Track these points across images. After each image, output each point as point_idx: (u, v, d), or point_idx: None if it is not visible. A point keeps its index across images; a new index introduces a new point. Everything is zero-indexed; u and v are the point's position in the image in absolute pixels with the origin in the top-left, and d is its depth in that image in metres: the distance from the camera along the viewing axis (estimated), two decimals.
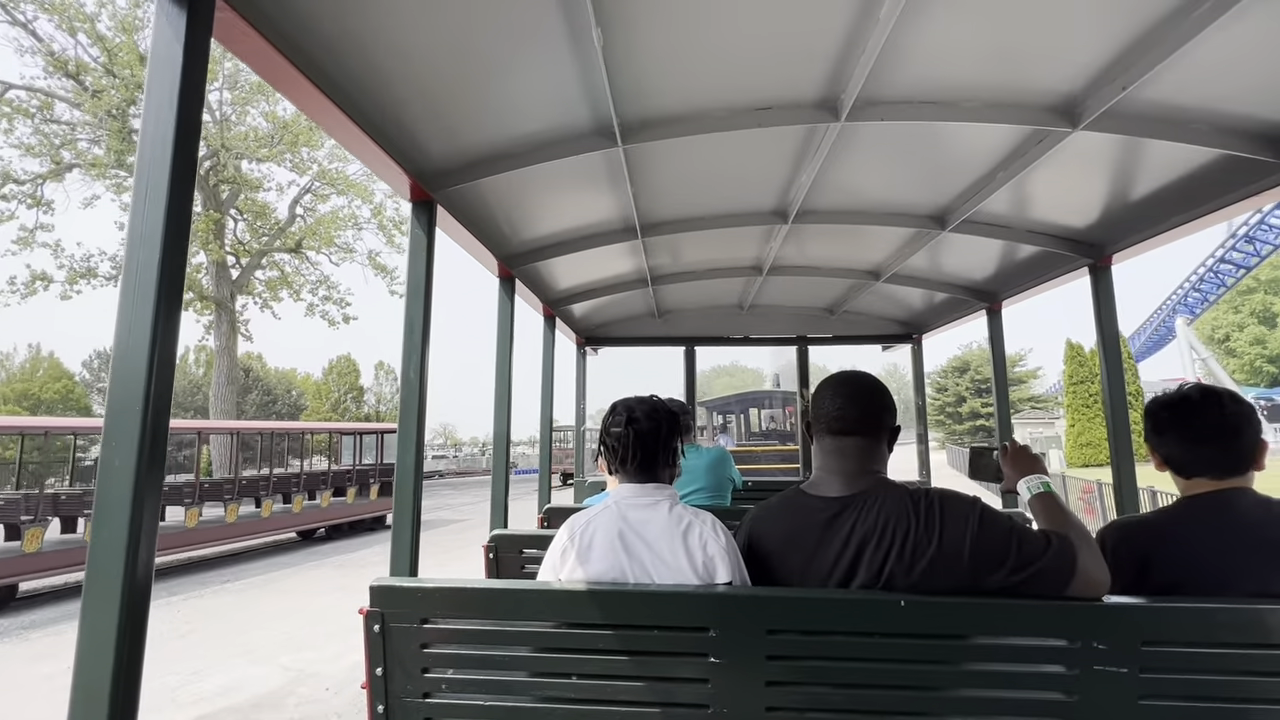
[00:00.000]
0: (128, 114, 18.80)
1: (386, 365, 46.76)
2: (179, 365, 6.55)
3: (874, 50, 1.62)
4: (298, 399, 45.50)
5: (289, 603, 8.38)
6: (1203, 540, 1.35)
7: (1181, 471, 1.44)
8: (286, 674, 5.69)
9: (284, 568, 10.93)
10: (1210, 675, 1.20)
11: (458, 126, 2.00)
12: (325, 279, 24.99)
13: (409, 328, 2.00)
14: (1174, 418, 1.44)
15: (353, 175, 23.21)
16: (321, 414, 39.73)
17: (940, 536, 1.24)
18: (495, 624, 1.36)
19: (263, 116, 21.77)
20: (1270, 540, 1.31)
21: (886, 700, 1.25)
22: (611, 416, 1.56)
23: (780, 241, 3.25)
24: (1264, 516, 1.33)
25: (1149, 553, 1.39)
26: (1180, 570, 1.35)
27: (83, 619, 0.95)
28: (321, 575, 10.19)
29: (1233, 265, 31.66)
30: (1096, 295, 2.87)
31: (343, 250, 24.60)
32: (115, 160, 19.39)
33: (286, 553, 12.43)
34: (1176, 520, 1.42)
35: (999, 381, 4.03)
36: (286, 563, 11.36)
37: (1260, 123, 1.88)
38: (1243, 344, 47.13)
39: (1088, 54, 1.68)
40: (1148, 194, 2.42)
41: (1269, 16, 1.45)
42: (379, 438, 16.55)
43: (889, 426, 1.40)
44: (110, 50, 18.63)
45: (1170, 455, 1.46)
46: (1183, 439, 1.42)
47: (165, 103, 1.05)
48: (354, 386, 43.35)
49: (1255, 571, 1.28)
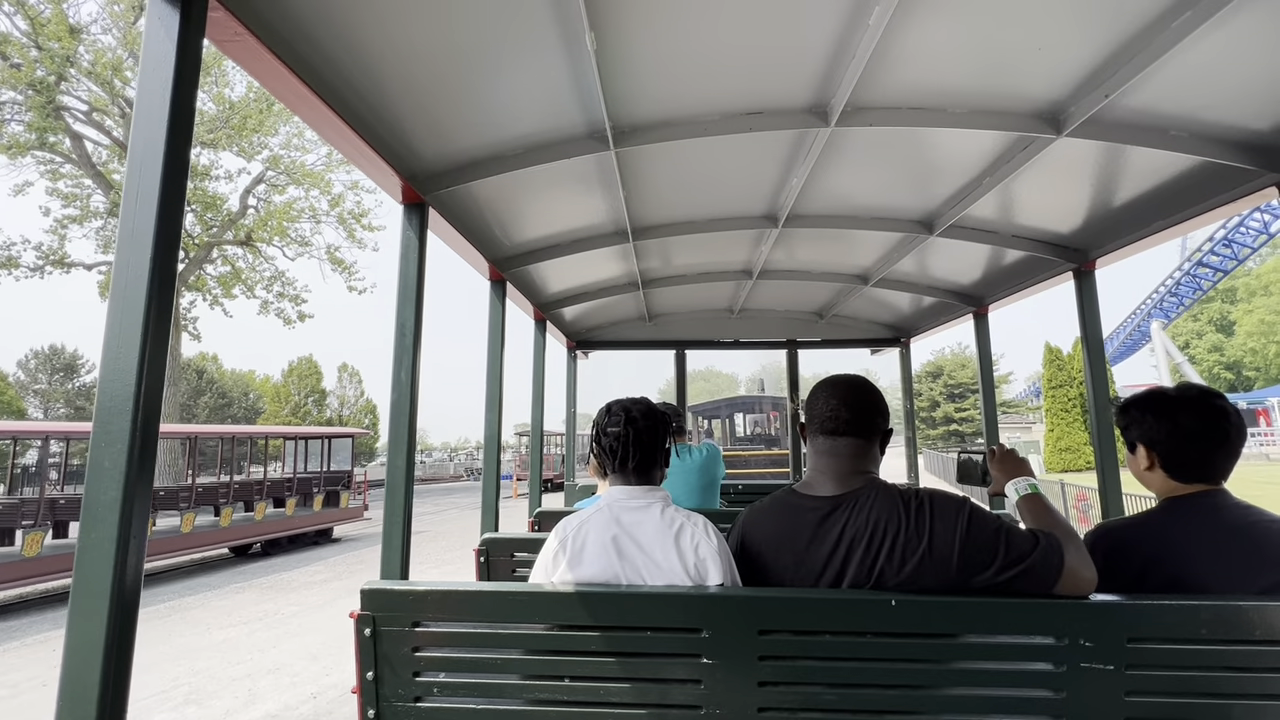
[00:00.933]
0: (55, 89, 17.49)
1: (350, 367, 45.20)
2: None
3: (863, 57, 1.65)
4: (255, 402, 43.81)
5: (182, 643, 6.93)
6: (1199, 540, 1.36)
7: (1184, 475, 1.41)
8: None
9: (201, 591, 9.57)
10: (1194, 671, 1.22)
11: (450, 129, 2.00)
12: (280, 274, 23.67)
13: (400, 331, 1.99)
14: (1189, 426, 1.39)
15: (311, 164, 22.22)
16: (280, 418, 38.06)
17: (930, 536, 1.25)
18: (488, 627, 1.35)
19: (211, 100, 20.26)
20: (1258, 539, 1.33)
21: (878, 699, 1.26)
22: (608, 417, 1.55)
23: (770, 245, 3.28)
24: (1249, 518, 1.35)
25: (1146, 554, 1.40)
26: (1175, 568, 1.36)
27: (70, 623, 0.94)
28: (240, 603, 8.84)
29: (1210, 269, 31.55)
30: (1081, 299, 2.92)
31: (298, 244, 23.35)
32: (38, 140, 17.83)
33: (213, 571, 11.17)
34: (1173, 520, 1.41)
35: (985, 384, 4.08)
36: (207, 585, 10.05)
37: (1237, 131, 1.92)
38: (1201, 351, 48.47)
39: (1071, 62, 1.72)
40: (1130, 199, 2.47)
41: (1245, 28, 1.50)
42: (325, 443, 15.24)
43: (882, 429, 1.42)
44: (35, 21, 16.99)
45: (1175, 458, 1.41)
46: (1195, 446, 1.39)
47: (157, 104, 1.04)
48: (316, 389, 41.44)
49: (1239, 567, 1.31)
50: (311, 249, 23.71)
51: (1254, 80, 1.70)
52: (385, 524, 1.94)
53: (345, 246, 23.92)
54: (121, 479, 0.96)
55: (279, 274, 23.77)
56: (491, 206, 2.62)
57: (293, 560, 12.05)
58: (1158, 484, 1.46)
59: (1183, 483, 1.42)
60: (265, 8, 1.32)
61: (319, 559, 12.11)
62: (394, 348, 1.99)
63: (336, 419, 41.79)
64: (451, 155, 2.14)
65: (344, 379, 44.80)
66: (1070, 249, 2.96)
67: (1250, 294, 45.14)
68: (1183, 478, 1.42)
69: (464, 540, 12.66)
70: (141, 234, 1.01)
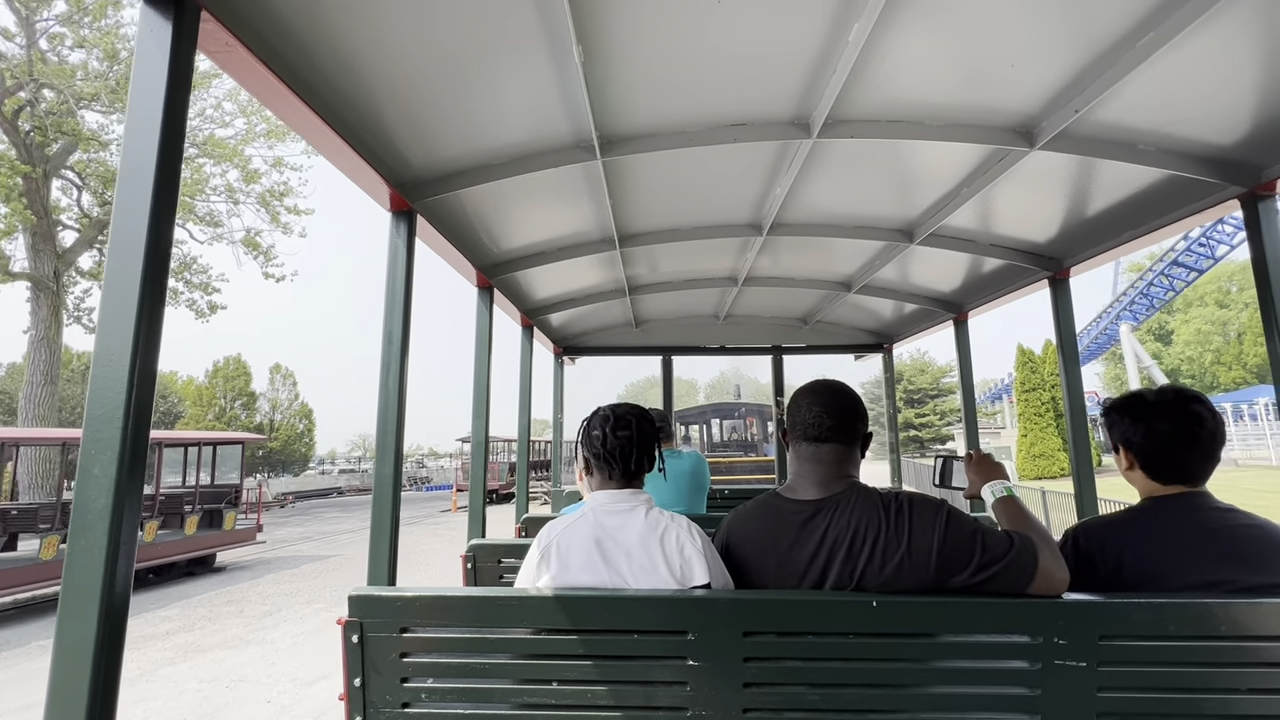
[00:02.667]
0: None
1: (284, 368, 40.50)
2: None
3: (843, 72, 1.69)
4: (175, 405, 38.39)
5: None
6: (1177, 539, 1.39)
7: (1162, 476, 1.44)
8: None
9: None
10: (1163, 667, 1.27)
11: (439, 138, 2.02)
12: (191, 260, 20.64)
13: (388, 339, 2.00)
14: (1164, 429, 1.42)
15: (227, 138, 19.41)
16: (203, 423, 34.12)
17: (909, 537, 1.29)
18: (475, 632, 1.36)
19: (96, 59, 16.98)
20: (1237, 541, 1.36)
21: (861, 699, 1.29)
22: (614, 422, 1.56)
23: (755, 253, 3.32)
24: (1229, 520, 1.38)
25: (1122, 550, 1.42)
26: (1153, 565, 1.39)
27: (59, 630, 0.94)
28: (31, 673, 6.20)
29: (1185, 269, 29.92)
30: (1056, 306, 3.00)
31: (209, 224, 20.34)
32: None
33: (37, 617, 8.43)
34: (1150, 519, 1.44)
35: (966, 390, 4.15)
36: (8, 641, 7.32)
37: (1201, 145, 2.00)
38: None
39: (1042, 78, 1.78)
40: (1102, 210, 2.54)
41: (1205, 50, 1.57)
42: (203, 451, 12.19)
43: (862, 433, 1.46)
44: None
45: (1151, 459, 1.45)
46: (1169, 449, 1.42)
47: (149, 117, 1.05)
48: (244, 392, 36.87)
49: (1219, 568, 1.34)
50: (224, 230, 20.63)
51: (1214, 98, 1.78)
52: (372, 530, 1.94)
53: (268, 230, 21.00)
54: (111, 486, 0.96)
55: (189, 260, 20.61)
56: (479, 214, 2.63)
57: (148, 600, 9.13)
58: (1140, 484, 1.50)
59: (1162, 484, 1.45)
60: (256, 18, 1.33)
61: (183, 597, 9.40)
62: (381, 355, 1.99)
63: (268, 424, 38.38)
64: (440, 164, 2.15)
65: (276, 381, 40.62)
66: (1045, 257, 3.04)
67: (1188, 304, 46.43)
68: (1161, 479, 1.45)
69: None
70: (133, 244, 1.02)
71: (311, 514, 22.24)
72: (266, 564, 12.20)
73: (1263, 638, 1.25)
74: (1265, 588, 1.30)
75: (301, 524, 18.86)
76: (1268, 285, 1.92)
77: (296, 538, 15.60)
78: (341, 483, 33.81)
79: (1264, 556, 1.33)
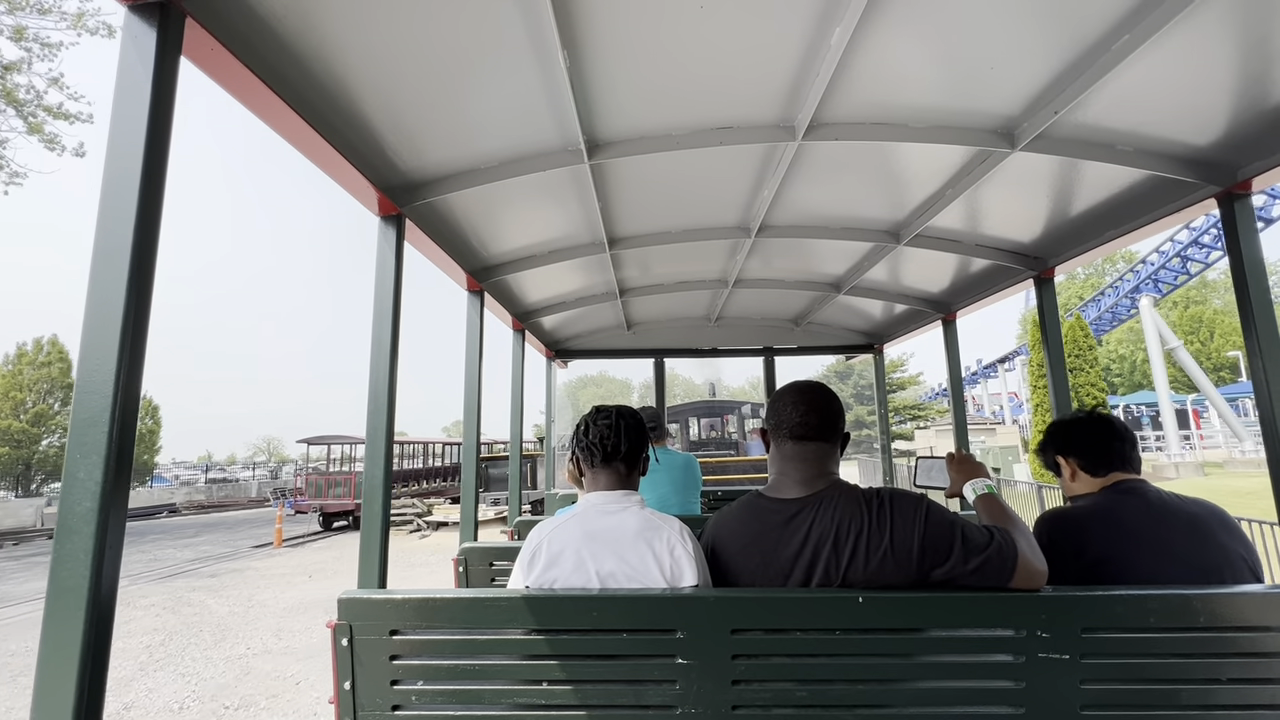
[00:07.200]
0: None
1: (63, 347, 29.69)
2: None
3: (825, 75, 1.72)
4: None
5: None
6: (1137, 520, 1.52)
7: (1097, 469, 1.65)
8: None
9: None
10: (1144, 658, 1.28)
11: (427, 142, 2.02)
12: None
13: (376, 343, 2.00)
14: (1086, 428, 1.70)
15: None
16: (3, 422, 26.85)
17: (891, 532, 1.31)
18: (465, 634, 1.36)
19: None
20: (1190, 514, 1.51)
21: (848, 694, 1.30)
22: (597, 414, 1.60)
23: (745, 255, 3.34)
24: (1176, 501, 1.54)
25: (1086, 535, 1.54)
26: (1119, 548, 1.49)
27: (45, 633, 0.94)
28: None
29: (1204, 248, 24.41)
30: (1041, 305, 3.03)
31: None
32: None
33: None
34: (1108, 506, 1.58)
35: (955, 389, 4.18)
36: None
37: (1178, 146, 2.03)
38: (1069, 356, 48.90)
39: (1022, 80, 1.81)
40: (1084, 210, 2.58)
41: (1179, 52, 1.60)
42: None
43: (842, 432, 1.49)
44: None
45: (1086, 456, 1.67)
46: (1097, 441, 1.67)
47: (133, 122, 1.05)
48: (63, 383, 29.17)
49: (1181, 542, 1.47)
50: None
51: (1189, 99, 1.81)
52: (363, 533, 1.94)
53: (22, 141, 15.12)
54: (97, 490, 0.96)
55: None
56: (468, 218, 2.64)
57: None
58: (1084, 487, 1.67)
59: (1104, 476, 1.64)
60: (240, 23, 1.34)
61: None
62: (370, 359, 2.00)
63: None
64: (428, 168, 2.16)
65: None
66: (1030, 257, 3.07)
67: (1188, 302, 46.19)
68: (1104, 471, 1.64)
69: None
70: (118, 249, 1.02)
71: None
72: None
73: (1242, 628, 1.27)
74: (1226, 549, 1.45)
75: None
76: (1244, 282, 1.96)
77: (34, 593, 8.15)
78: (179, 498, 26.18)
79: (1221, 525, 1.50)
